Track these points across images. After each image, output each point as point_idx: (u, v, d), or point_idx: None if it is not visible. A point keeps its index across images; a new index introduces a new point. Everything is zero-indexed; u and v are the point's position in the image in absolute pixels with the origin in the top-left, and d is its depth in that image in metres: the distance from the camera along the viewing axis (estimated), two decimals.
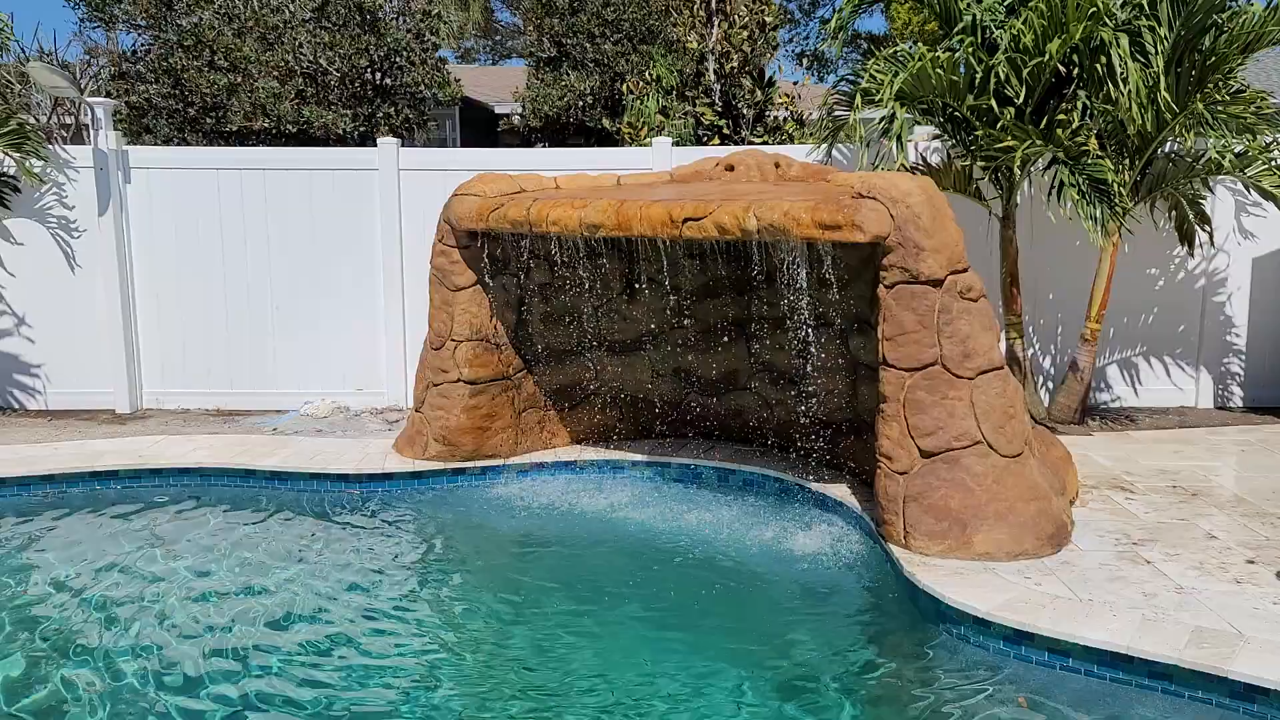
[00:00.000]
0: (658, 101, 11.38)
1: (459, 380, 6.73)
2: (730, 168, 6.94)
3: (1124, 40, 6.69)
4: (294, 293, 8.55)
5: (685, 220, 5.50)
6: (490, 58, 32.11)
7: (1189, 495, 6.01)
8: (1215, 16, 6.69)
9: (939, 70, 6.80)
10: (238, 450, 7.04)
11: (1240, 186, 7.88)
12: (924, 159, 8.08)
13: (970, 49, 7.08)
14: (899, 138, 7.09)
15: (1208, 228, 7.95)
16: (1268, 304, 8.35)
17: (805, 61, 21.99)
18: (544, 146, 14.58)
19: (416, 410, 6.99)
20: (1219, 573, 4.82)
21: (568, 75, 14.09)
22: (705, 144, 11.09)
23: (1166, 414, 8.22)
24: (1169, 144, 7.37)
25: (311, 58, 11.91)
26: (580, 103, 13.99)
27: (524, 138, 16.52)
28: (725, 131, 11.53)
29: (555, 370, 7.12)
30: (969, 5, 7.22)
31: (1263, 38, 6.67)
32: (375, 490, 6.61)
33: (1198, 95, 6.70)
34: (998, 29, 7.05)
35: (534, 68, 15.07)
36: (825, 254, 5.59)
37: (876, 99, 7.07)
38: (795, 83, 13.29)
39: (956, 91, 6.96)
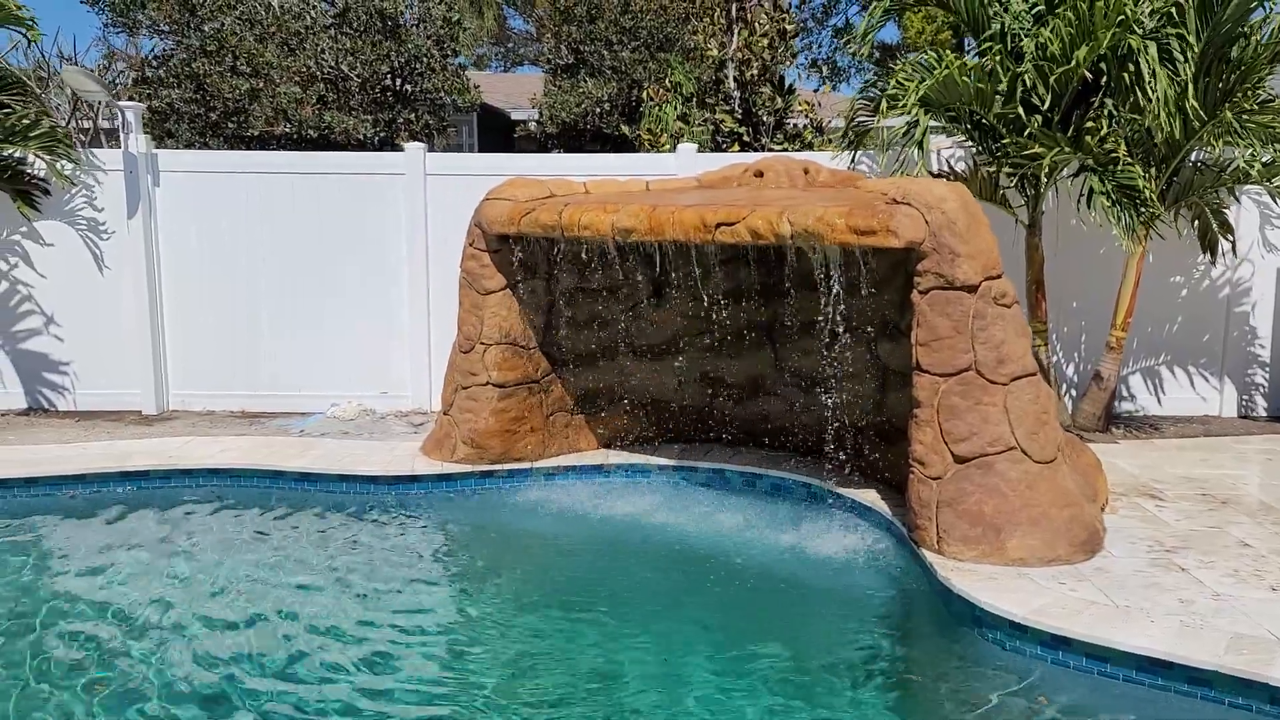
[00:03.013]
0: (676, 108, 11.42)
1: (488, 383, 6.76)
2: (759, 173, 6.95)
3: (1152, 48, 6.71)
4: (318, 295, 8.59)
5: (719, 225, 5.53)
6: (503, 64, 32.20)
7: (1219, 503, 6.01)
8: (1243, 26, 6.72)
9: (965, 78, 6.83)
10: (265, 451, 7.07)
11: (1266, 197, 7.89)
12: (950, 166, 8.09)
13: (998, 57, 7.10)
14: (921, 144, 7.11)
15: (1230, 236, 7.95)
16: None
17: (821, 70, 22.04)
18: (560, 152, 14.63)
19: (445, 413, 7.02)
20: (1254, 580, 4.82)
21: (585, 82, 14.13)
22: (725, 150, 11.13)
23: (1190, 423, 8.22)
24: (1195, 152, 7.38)
25: (333, 63, 11.98)
26: (598, 109, 14.03)
27: (540, 144, 16.56)
28: (745, 139, 11.57)
29: (583, 374, 7.14)
30: (997, 13, 7.25)
31: None
32: (403, 492, 6.64)
33: (1226, 104, 6.72)
34: (1026, 37, 7.08)
35: (551, 75, 15.12)
36: (856, 259, 5.61)
37: (901, 105, 7.10)
38: (816, 89, 13.34)
39: (984, 99, 6.98)
